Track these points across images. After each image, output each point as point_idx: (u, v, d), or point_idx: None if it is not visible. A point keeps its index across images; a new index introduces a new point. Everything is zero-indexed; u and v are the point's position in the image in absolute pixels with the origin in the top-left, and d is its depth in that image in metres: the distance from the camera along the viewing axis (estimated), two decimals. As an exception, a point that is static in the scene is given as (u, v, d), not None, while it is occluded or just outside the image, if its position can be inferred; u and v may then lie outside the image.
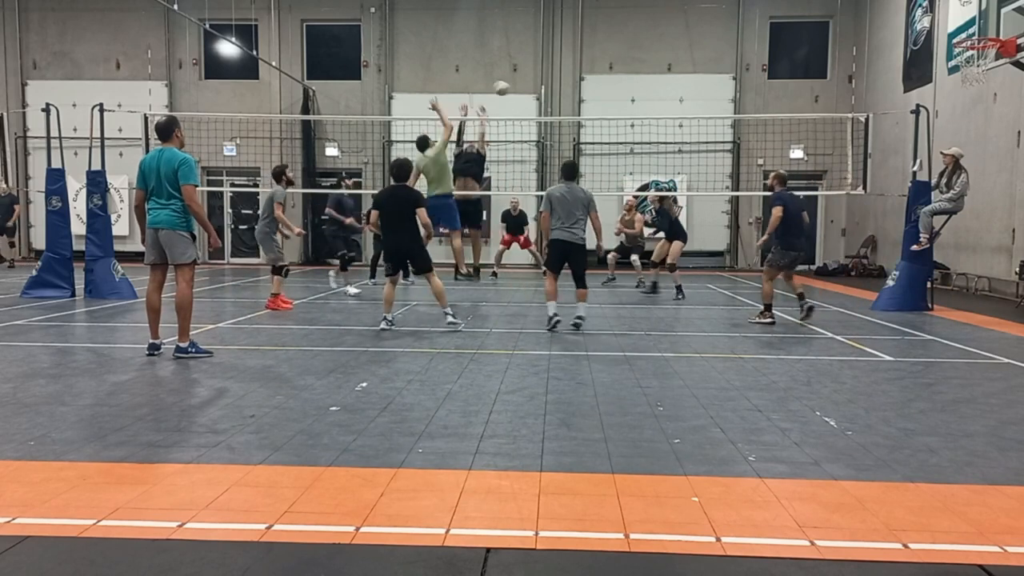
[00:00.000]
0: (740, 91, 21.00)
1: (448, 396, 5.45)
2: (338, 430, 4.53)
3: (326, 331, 8.66)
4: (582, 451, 4.16)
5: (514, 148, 20.50)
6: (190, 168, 6.67)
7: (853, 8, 20.59)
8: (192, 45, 21.61)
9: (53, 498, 3.41)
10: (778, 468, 3.91)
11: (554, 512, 3.30)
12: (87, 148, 12.49)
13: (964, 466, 3.98)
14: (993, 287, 13.64)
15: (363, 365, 6.59)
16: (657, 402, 5.30)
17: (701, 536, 3.07)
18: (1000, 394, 5.69)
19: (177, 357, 6.76)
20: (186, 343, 6.83)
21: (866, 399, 5.51)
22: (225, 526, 3.13)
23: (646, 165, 20.69)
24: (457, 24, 21.38)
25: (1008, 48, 10.23)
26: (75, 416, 4.80)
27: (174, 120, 7.01)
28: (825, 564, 2.84)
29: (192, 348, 6.84)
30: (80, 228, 12.86)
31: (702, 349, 7.60)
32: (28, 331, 8.45)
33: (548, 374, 6.26)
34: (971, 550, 2.98)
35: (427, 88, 21.47)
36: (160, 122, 6.97)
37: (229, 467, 3.84)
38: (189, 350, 6.81)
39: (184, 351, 6.79)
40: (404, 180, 8.68)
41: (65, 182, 12.08)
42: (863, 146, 13.28)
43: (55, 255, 11.83)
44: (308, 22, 21.83)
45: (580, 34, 21.14)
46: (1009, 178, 13.12)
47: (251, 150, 21.18)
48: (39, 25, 21.95)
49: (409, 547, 2.95)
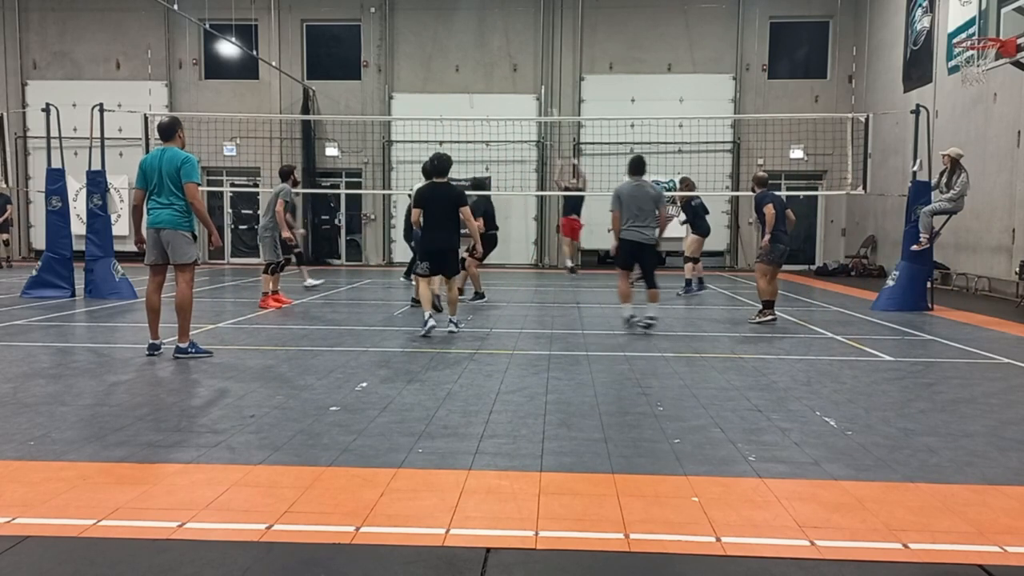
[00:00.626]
0: (740, 91, 21.01)
1: (448, 396, 5.45)
2: (338, 430, 4.53)
3: (326, 331, 8.65)
4: (582, 451, 4.16)
5: (514, 148, 20.51)
6: (193, 167, 6.69)
7: (853, 8, 20.60)
8: (192, 45, 21.62)
9: (53, 498, 3.41)
10: (778, 468, 3.91)
11: (554, 512, 3.30)
12: (87, 148, 12.49)
13: (964, 466, 3.98)
14: (993, 287, 13.64)
15: (363, 365, 6.59)
16: (657, 402, 5.30)
17: (701, 536, 3.07)
18: (1000, 394, 5.69)
19: (177, 357, 6.76)
20: (186, 343, 6.83)
21: (866, 399, 5.51)
22: (225, 526, 3.13)
23: (646, 165, 20.68)
24: (457, 24, 21.38)
25: (1008, 48, 10.23)
26: (75, 416, 4.80)
27: (177, 121, 7.04)
28: (825, 564, 2.84)
29: (192, 348, 6.84)
30: (80, 228, 12.86)
31: (702, 349, 7.60)
32: (28, 331, 8.45)
33: (548, 374, 6.26)
34: (971, 550, 2.98)
35: (427, 88, 21.50)
36: (163, 122, 6.99)
37: (229, 467, 3.84)
38: (189, 350, 6.81)
39: (184, 351, 6.80)
40: (444, 176, 8.29)
41: (65, 182, 12.09)
42: (863, 146, 13.28)
43: (55, 255, 11.83)
44: (308, 22, 21.83)
45: (580, 34, 21.14)
46: (1009, 178, 13.12)
47: (251, 150, 21.18)
48: (39, 25, 21.95)
49: (409, 547, 2.95)
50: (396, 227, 21.87)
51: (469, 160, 20.11)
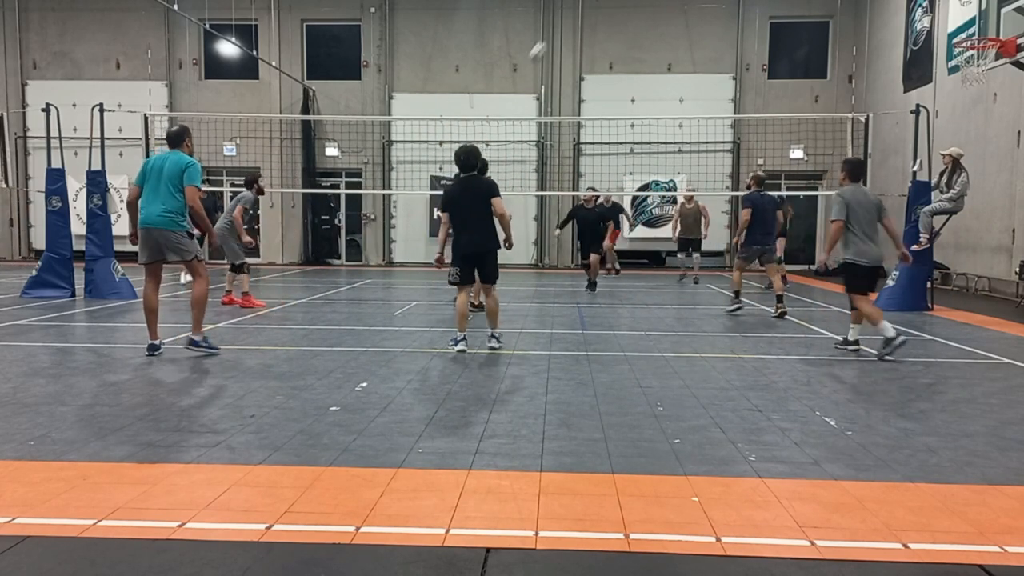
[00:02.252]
0: (740, 91, 21.00)
1: (448, 396, 5.45)
2: (338, 430, 4.53)
3: (326, 331, 8.66)
4: (582, 451, 4.16)
5: (514, 148, 20.52)
6: (196, 171, 6.76)
7: (853, 8, 20.59)
8: (192, 45, 21.62)
9: (53, 498, 3.41)
10: (778, 468, 3.91)
11: (554, 512, 3.30)
12: (87, 148, 12.49)
13: (964, 466, 3.98)
14: (993, 287, 13.63)
15: (363, 365, 6.59)
16: (657, 402, 5.30)
17: (701, 536, 3.07)
18: (1000, 394, 5.69)
19: (189, 347, 6.91)
20: (199, 336, 6.93)
21: (866, 399, 5.51)
22: (225, 526, 3.13)
23: (646, 165, 20.73)
24: (457, 24, 21.38)
25: (1008, 48, 10.23)
26: (75, 416, 4.80)
27: (185, 130, 7.12)
28: (825, 564, 2.84)
29: (204, 342, 6.94)
30: (80, 228, 12.86)
31: (702, 349, 7.60)
32: (28, 331, 8.45)
33: (548, 374, 6.26)
34: (971, 550, 2.98)
35: (427, 88, 21.50)
36: (172, 130, 7.09)
37: (229, 467, 3.84)
38: (201, 344, 6.91)
39: (196, 344, 6.90)
40: (473, 169, 7.39)
41: (65, 182, 12.09)
42: (863, 146, 13.29)
43: (55, 255, 11.83)
44: (308, 22, 21.83)
45: (580, 34, 21.14)
46: (1009, 178, 13.12)
47: (251, 150, 21.19)
48: (39, 25, 21.95)
49: (409, 547, 2.95)
50: (396, 227, 21.90)
51: (469, 160, 20.13)
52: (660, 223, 20.59)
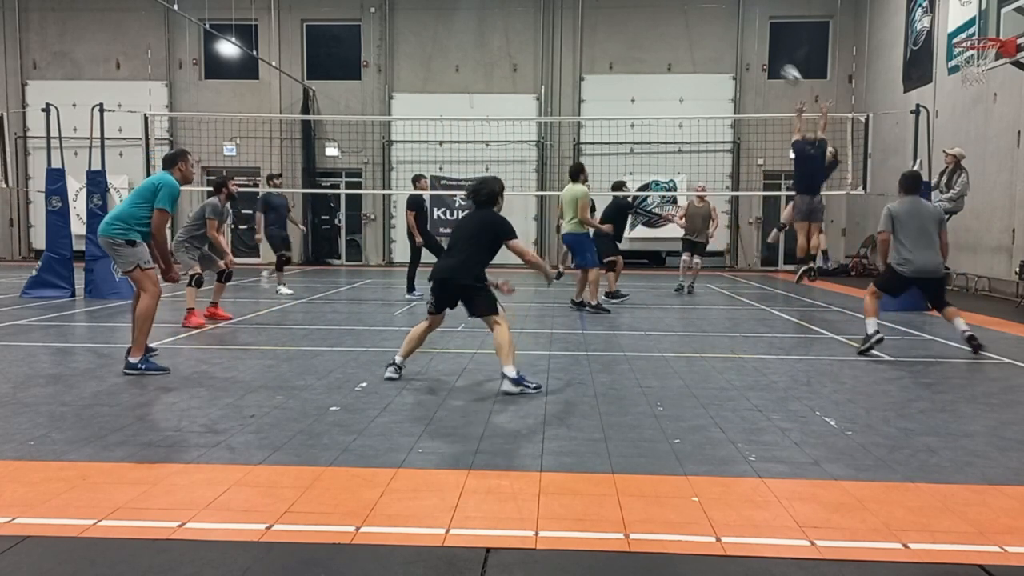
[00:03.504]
0: (740, 91, 21.01)
1: (448, 396, 5.45)
2: (338, 430, 4.53)
3: (326, 331, 8.66)
4: (582, 451, 4.16)
5: (514, 148, 20.53)
6: (169, 193, 6.16)
7: (853, 8, 20.60)
8: (192, 45, 21.62)
9: (53, 498, 3.41)
10: (778, 468, 3.90)
11: (554, 512, 3.30)
12: (87, 148, 12.50)
13: (964, 466, 3.98)
14: (993, 287, 13.64)
15: (363, 365, 6.59)
16: (657, 402, 5.30)
17: (701, 536, 3.07)
18: (1000, 394, 5.68)
19: (125, 374, 6.01)
20: (136, 358, 6.07)
21: (866, 399, 5.50)
22: (225, 526, 3.13)
23: (646, 165, 20.72)
24: (457, 24, 21.39)
25: (1008, 48, 10.23)
26: (75, 416, 4.80)
27: (181, 153, 6.64)
28: (825, 564, 2.84)
29: (143, 365, 6.08)
30: (80, 228, 12.87)
31: (702, 349, 7.60)
32: (28, 331, 8.45)
33: (548, 374, 6.26)
34: (971, 550, 2.98)
35: (427, 88, 21.51)
36: (169, 153, 6.67)
37: (229, 467, 3.84)
38: (139, 366, 6.05)
39: (134, 367, 6.04)
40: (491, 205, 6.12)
41: (65, 182, 12.10)
42: (863, 146, 13.28)
43: (55, 255, 11.84)
44: (308, 22, 21.84)
45: (580, 34, 21.15)
46: (1009, 178, 13.12)
47: (251, 150, 21.19)
48: (39, 25, 21.96)
49: (409, 547, 2.95)
50: (396, 227, 21.90)
51: (469, 160, 20.15)
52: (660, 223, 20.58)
